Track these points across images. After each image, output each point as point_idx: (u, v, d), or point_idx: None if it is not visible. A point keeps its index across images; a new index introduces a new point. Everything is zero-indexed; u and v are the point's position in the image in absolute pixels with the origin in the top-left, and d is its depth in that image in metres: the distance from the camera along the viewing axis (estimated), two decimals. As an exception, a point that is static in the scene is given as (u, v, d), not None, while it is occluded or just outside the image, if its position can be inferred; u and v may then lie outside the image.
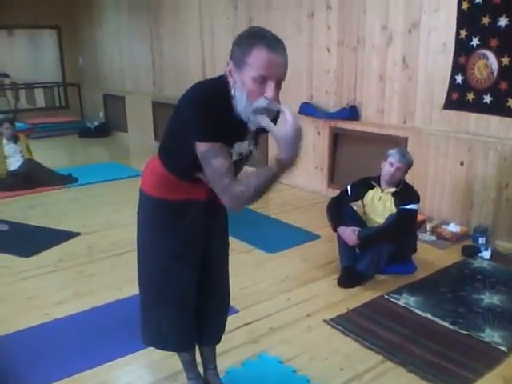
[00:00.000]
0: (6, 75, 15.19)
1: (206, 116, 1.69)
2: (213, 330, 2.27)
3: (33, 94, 12.54)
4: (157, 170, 1.98)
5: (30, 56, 13.41)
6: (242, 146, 1.85)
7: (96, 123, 9.89)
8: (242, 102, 1.66)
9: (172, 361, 2.50)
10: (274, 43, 1.61)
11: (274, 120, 1.70)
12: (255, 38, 1.62)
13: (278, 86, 1.65)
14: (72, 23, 10.43)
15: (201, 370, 2.33)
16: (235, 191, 1.68)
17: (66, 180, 6.11)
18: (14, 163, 5.97)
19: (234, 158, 1.85)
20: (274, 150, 1.67)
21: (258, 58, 1.59)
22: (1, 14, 9.37)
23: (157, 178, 1.98)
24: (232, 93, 1.70)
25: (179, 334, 2.16)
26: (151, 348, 2.68)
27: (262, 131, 1.82)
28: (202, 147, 1.70)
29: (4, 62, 15.73)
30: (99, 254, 4.02)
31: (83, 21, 10.30)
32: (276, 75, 1.63)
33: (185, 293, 2.08)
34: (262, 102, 1.63)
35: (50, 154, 7.59)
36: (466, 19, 4.04)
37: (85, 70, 10.72)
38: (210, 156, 1.70)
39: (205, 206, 2.01)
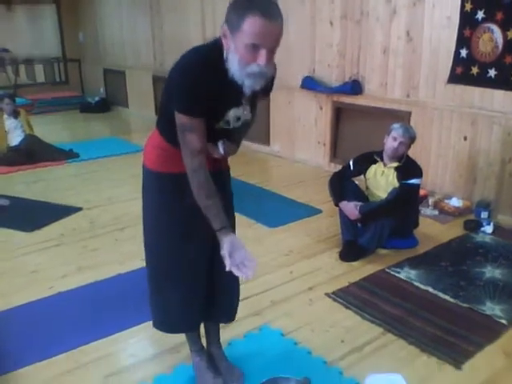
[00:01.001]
0: (6, 50, 15.06)
1: (190, 87, 1.69)
2: (226, 307, 2.23)
3: (33, 69, 12.44)
4: (157, 142, 1.95)
5: (29, 31, 13.27)
6: (238, 112, 1.83)
7: (97, 98, 9.83)
8: (234, 65, 1.65)
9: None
10: (268, 10, 1.58)
11: (267, 88, 1.74)
12: (250, 3, 1.58)
13: (271, 52, 1.64)
14: (71, -3, 10.30)
15: (203, 341, 2.35)
16: (190, 176, 1.75)
17: (67, 155, 6.10)
18: (15, 138, 5.96)
19: (231, 125, 1.84)
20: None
21: (251, 25, 1.57)
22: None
23: (158, 151, 1.95)
24: (225, 55, 1.69)
25: (187, 315, 2.13)
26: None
27: (260, 93, 1.83)
28: (180, 118, 1.72)
29: (3, 38, 15.59)
30: (101, 229, 4.03)
31: (83, -6, 10.17)
32: (269, 44, 1.61)
33: (192, 271, 2.04)
34: (254, 68, 1.63)
35: (51, 130, 7.57)
36: (471, -9, 3.97)
37: (85, 45, 10.62)
38: (187, 129, 1.72)
39: (212, 177, 1.94)
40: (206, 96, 1.69)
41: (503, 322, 2.67)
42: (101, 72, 10.12)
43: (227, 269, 1.67)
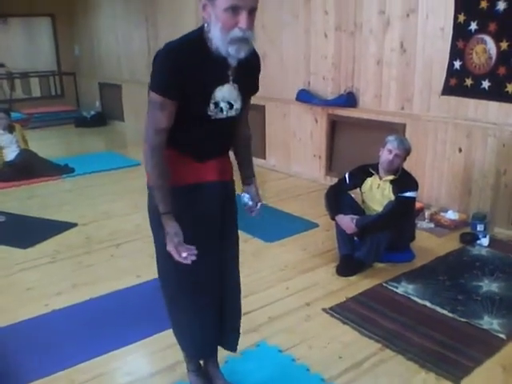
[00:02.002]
0: (1, 65, 15.09)
1: (166, 69, 1.73)
2: (234, 332, 2.24)
3: (28, 83, 12.45)
4: None
5: (25, 45, 13.30)
6: (226, 92, 1.83)
7: (92, 112, 9.82)
8: (216, 35, 1.68)
9: (172, 351, 2.51)
10: None
11: (251, 56, 1.79)
12: None
13: (251, 15, 1.66)
14: (67, 11, 10.34)
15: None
16: (146, 155, 1.81)
17: (62, 170, 6.08)
18: (10, 154, 5.93)
19: (225, 113, 1.85)
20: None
21: None
22: (-7, 3, 9.28)
23: None
24: (206, 27, 1.72)
25: (209, 339, 2.15)
26: (151, 338, 2.71)
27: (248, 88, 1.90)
28: (153, 96, 1.76)
29: (-1, 52, 15.62)
30: (96, 245, 4.01)
31: (78, 8, 10.20)
32: (248, 4, 1.64)
33: (204, 294, 2.03)
34: (237, 33, 1.66)
35: (47, 144, 7.56)
36: (464, 3, 3.99)
37: (80, 59, 10.64)
38: (157, 107, 1.76)
39: (219, 189, 1.97)
40: (186, 78, 1.73)
41: (501, 336, 2.66)
42: (96, 86, 10.13)
43: (168, 248, 1.78)
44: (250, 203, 2.09)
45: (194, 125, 1.85)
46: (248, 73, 1.88)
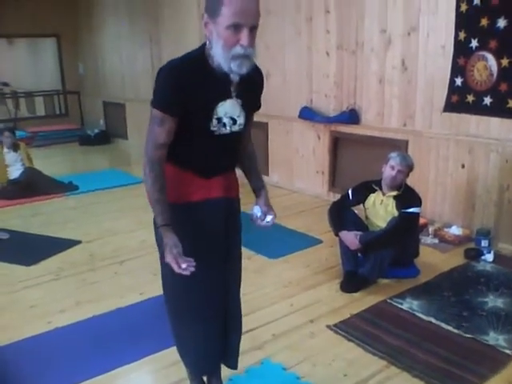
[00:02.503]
0: (5, 84, 15.25)
1: (168, 85, 1.77)
2: (234, 348, 2.24)
3: (33, 102, 12.59)
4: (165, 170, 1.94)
5: (29, 64, 13.47)
6: (228, 108, 1.85)
7: (96, 130, 9.90)
8: (218, 52, 1.71)
9: (175, 368, 2.50)
10: None
11: (254, 72, 1.81)
12: None
13: (252, 32, 1.69)
14: (71, 31, 10.48)
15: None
16: (145, 168, 1.82)
17: (66, 188, 6.11)
18: (15, 172, 5.98)
19: (228, 128, 1.87)
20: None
21: (230, 6, 1.63)
22: (1, 23, 9.40)
23: (167, 180, 1.89)
24: (208, 44, 1.76)
25: (214, 353, 2.14)
26: (154, 355, 2.70)
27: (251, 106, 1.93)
28: (154, 111, 1.80)
29: (4, 71, 15.81)
30: (100, 262, 4.01)
31: (83, 28, 10.34)
32: (249, 22, 1.67)
33: (208, 309, 2.04)
34: (238, 50, 1.69)
35: (51, 162, 7.61)
36: (464, 21, 4.03)
37: (85, 78, 10.75)
38: (156, 122, 1.80)
39: (224, 205, 1.98)
40: (188, 95, 1.75)
41: (507, 352, 2.64)
42: (100, 104, 10.22)
43: (167, 259, 1.76)
44: (259, 214, 2.07)
45: (199, 141, 1.87)
46: (251, 89, 1.91)
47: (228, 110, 1.85)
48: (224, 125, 1.86)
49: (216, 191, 1.95)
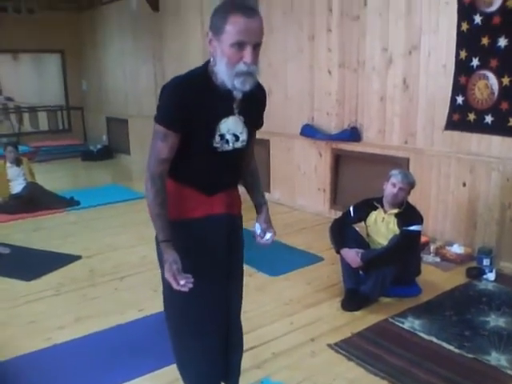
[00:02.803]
0: (10, 99, 15.39)
1: (171, 102, 1.79)
2: (236, 367, 2.24)
3: (36, 117, 12.67)
4: (167, 187, 1.93)
5: (34, 80, 13.58)
6: (231, 124, 1.87)
7: (99, 146, 9.95)
8: (222, 69, 1.73)
9: (174, 387, 2.47)
10: (247, 10, 1.69)
11: (257, 90, 1.85)
12: (230, 6, 1.70)
13: (255, 50, 1.72)
14: (76, 47, 10.60)
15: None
16: (147, 183, 1.83)
17: (68, 203, 6.12)
18: (17, 186, 6.00)
19: (231, 144, 1.88)
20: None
21: (234, 24, 1.67)
22: (6, 39, 9.51)
23: (169, 196, 1.89)
24: (212, 61, 1.78)
25: (215, 370, 2.13)
26: (153, 373, 2.67)
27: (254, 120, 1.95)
28: (157, 127, 1.82)
29: (8, 86, 15.96)
30: (100, 278, 4.00)
31: (87, 45, 10.45)
32: (252, 40, 1.69)
33: (210, 326, 2.03)
34: (242, 67, 1.71)
35: (53, 177, 7.62)
36: (465, 40, 4.06)
37: (88, 94, 10.84)
38: (159, 137, 1.82)
39: (226, 221, 1.98)
40: (192, 112, 1.77)
41: (509, 372, 2.61)
42: (103, 120, 10.28)
43: (166, 276, 1.77)
44: (259, 232, 2.08)
45: (202, 157, 1.88)
46: (253, 106, 1.93)
47: (231, 126, 1.87)
48: (227, 141, 1.87)
49: (218, 208, 1.96)
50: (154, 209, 1.83)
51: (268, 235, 2.07)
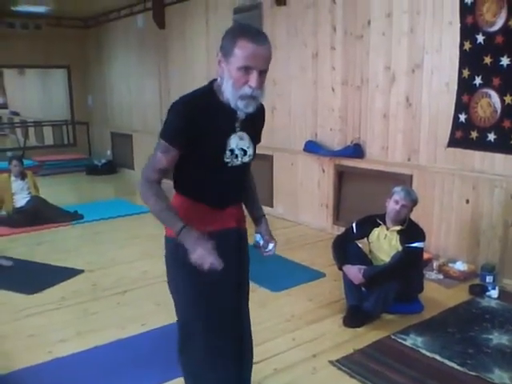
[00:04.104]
0: (16, 113, 15.51)
1: (176, 120, 1.83)
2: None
3: (42, 131, 12.75)
4: (179, 203, 1.98)
5: (40, 95, 13.70)
6: (239, 139, 1.92)
7: (103, 161, 9.99)
8: (228, 89, 1.79)
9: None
10: (257, 36, 1.75)
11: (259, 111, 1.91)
12: (240, 31, 1.76)
13: (261, 76, 1.77)
14: (82, 63, 10.70)
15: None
16: (143, 187, 1.89)
17: (71, 217, 6.13)
18: (21, 200, 6.01)
19: (240, 159, 1.92)
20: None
21: (242, 49, 1.72)
22: (13, 54, 9.62)
23: (181, 211, 1.90)
24: (219, 80, 1.84)
25: None
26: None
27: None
28: (161, 141, 1.87)
29: (15, 101, 16.11)
30: (103, 292, 3.99)
31: (93, 60, 10.56)
32: (259, 66, 1.75)
33: (226, 340, 2.05)
34: (246, 90, 1.77)
35: (57, 191, 7.64)
36: (468, 59, 4.10)
37: (93, 109, 10.92)
38: (161, 149, 1.87)
39: (237, 235, 2.03)
40: (200, 129, 1.82)
41: (513, 391, 2.59)
42: (108, 135, 10.35)
43: (194, 256, 1.76)
44: (261, 242, 2.11)
45: (214, 173, 1.93)
46: (253, 124, 1.98)
47: (239, 141, 1.92)
48: (236, 156, 1.92)
49: (230, 222, 2.01)
50: (160, 204, 1.85)
51: (270, 245, 2.12)
